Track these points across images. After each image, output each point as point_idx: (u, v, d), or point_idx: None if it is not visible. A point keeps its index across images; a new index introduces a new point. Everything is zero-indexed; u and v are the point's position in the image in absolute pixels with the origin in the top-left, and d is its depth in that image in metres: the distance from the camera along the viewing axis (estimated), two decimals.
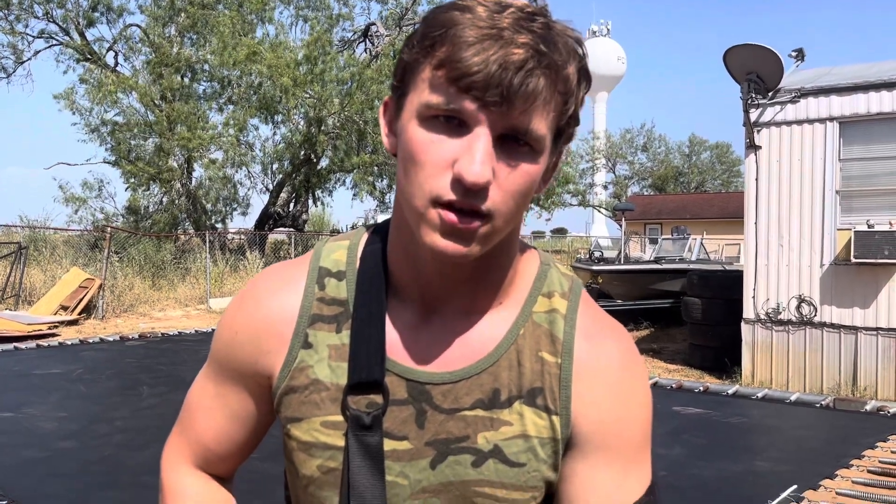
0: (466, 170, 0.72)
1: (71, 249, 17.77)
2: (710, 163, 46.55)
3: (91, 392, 4.03)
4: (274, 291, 0.92)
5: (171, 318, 13.47)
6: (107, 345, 5.66)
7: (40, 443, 2.97)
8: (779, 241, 8.65)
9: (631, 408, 0.87)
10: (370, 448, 0.84)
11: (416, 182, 0.76)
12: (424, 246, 0.78)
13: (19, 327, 10.40)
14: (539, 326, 0.88)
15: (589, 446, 0.86)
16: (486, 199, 0.74)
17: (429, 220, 0.76)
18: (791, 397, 3.70)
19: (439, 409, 0.85)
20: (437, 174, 0.74)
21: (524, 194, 0.78)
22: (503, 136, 0.74)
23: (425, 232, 0.77)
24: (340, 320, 0.88)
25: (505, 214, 0.77)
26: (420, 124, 0.76)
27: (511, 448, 0.85)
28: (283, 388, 0.89)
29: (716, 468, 2.69)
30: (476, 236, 0.76)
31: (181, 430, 1.04)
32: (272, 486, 1.96)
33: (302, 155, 21.26)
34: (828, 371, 8.34)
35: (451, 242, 0.76)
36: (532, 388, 0.86)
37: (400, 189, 0.81)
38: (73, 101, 19.59)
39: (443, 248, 0.76)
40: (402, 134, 0.79)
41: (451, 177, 0.74)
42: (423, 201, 0.76)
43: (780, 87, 8.61)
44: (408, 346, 0.87)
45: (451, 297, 0.87)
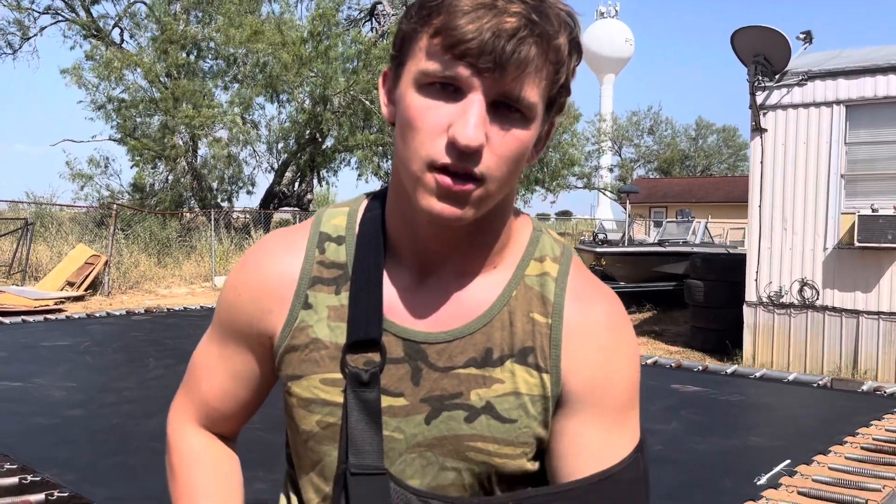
0: (460, 133, 0.75)
1: (77, 226, 17.83)
2: (717, 146, 46.29)
3: (98, 363, 4.08)
4: (276, 255, 0.95)
5: (176, 295, 13.54)
6: (113, 319, 5.71)
7: (49, 411, 3.02)
8: (782, 224, 8.65)
9: (619, 366, 0.90)
10: (368, 403, 0.87)
11: (413, 147, 0.79)
12: (421, 209, 0.80)
13: (26, 302, 10.48)
14: (531, 289, 0.90)
15: (578, 404, 0.88)
16: (480, 162, 0.77)
17: (425, 184, 0.79)
18: (789, 377, 3.73)
19: (434, 368, 0.88)
20: (433, 138, 0.77)
21: (516, 160, 0.81)
22: (496, 103, 0.77)
23: (421, 195, 0.79)
24: (340, 283, 0.91)
25: (498, 179, 0.80)
26: (417, 91, 0.79)
27: (503, 405, 0.88)
28: (285, 347, 0.92)
29: (711, 443, 2.74)
30: (470, 199, 0.79)
31: (186, 391, 1.07)
32: (276, 455, 2.01)
33: (307, 134, 21.22)
34: (829, 355, 8.37)
35: (446, 205, 0.79)
36: (523, 347, 0.89)
37: (397, 155, 0.84)
38: (80, 77, 19.54)
39: (438, 210, 0.79)
40: (400, 101, 0.82)
41: (446, 141, 0.77)
42: (420, 165, 0.79)
43: (788, 70, 8.57)
44: (404, 306, 0.90)
45: (447, 260, 0.90)
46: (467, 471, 0.89)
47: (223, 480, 1.06)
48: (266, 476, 2.04)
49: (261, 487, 1.73)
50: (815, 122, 8.44)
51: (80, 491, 2.09)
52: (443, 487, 0.90)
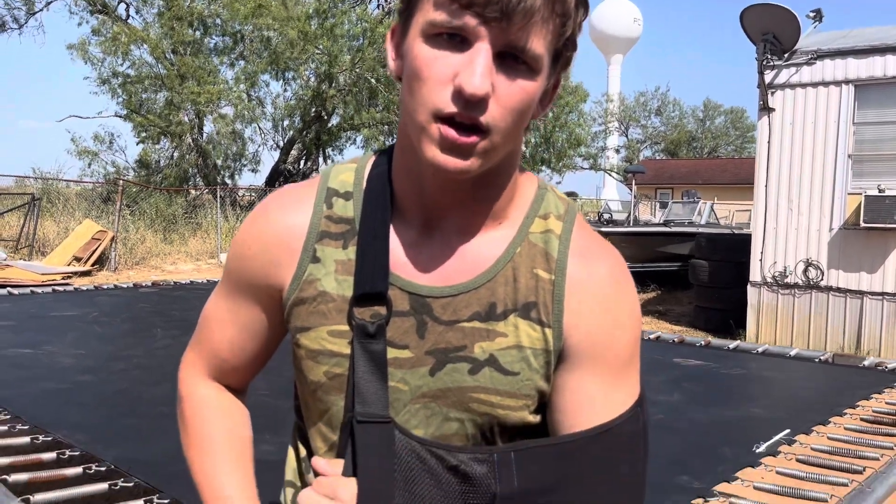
0: (467, 81, 0.76)
1: (83, 202, 17.87)
2: (724, 128, 45.98)
3: (106, 333, 4.13)
4: (284, 209, 0.96)
5: (182, 271, 13.60)
6: (120, 291, 5.76)
7: (60, 376, 3.06)
8: (788, 204, 8.62)
9: (620, 322, 0.91)
10: (374, 355, 0.89)
11: (419, 97, 0.80)
12: (426, 161, 0.81)
13: (33, 277, 10.54)
14: (535, 245, 0.92)
15: (579, 358, 0.90)
16: (486, 112, 0.78)
17: (430, 135, 0.80)
18: (791, 352, 3.75)
19: (439, 321, 0.90)
20: (440, 88, 0.78)
21: (522, 112, 0.81)
22: (502, 54, 0.78)
23: (426, 146, 0.80)
24: (347, 237, 0.93)
25: (503, 130, 0.80)
26: (424, 41, 0.79)
27: (505, 357, 0.89)
28: (293, 300, 0.93)
29: (712, 413, 2.77)
30: (475, 151, 0.80)
31: (197, 344, 1.09)
32: (283, 420, 2.04)
33: (313, 112, 21.16)
34: (832, 335, 8.39)
35: (450, 157, 0.80)
36: (527, 302, 0.90)
37: (404, 107, 0.84)
38: (86, 52, 19.47)
39: (443, 162, 0.80)
40: (407, 53, 0.83)
41: (452, 90, 0.78)
42: (426, 115, 0.79)
43: (797, 49, 8.50)
44: (410, 261, 0.92)
45: (452, 215, 0.91)
46: (470, 422, 0.91)
47: (234, 430, 1.08)
48: (273, 439, 2.07)
49: (268, 449, 1.76)
50: (824, 102, 8.39)
51: (90, 451, 2.14)
52: (446, 437, 0.91)
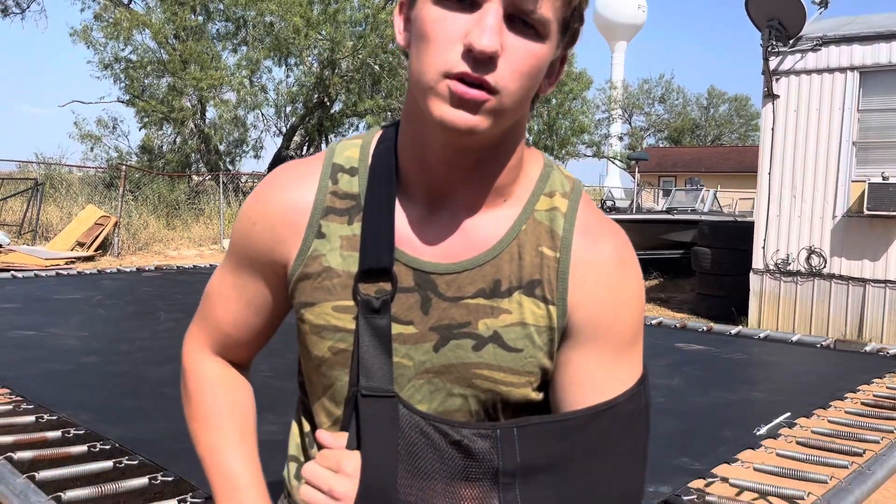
0: (476, 39, 0.76)
1: (86, 187, 17.89)
2: (728, 116, 45.79)
3: (110, 315, 4.14)
4: (289, 185, 0.96)
5: (185, 256, 13.63)
6: (124, 275, 5.77)
7: (64, 357, 3.07)
8: (792, 191, 8.61)
9: (624, 301, 0.92)
10: (379, 330, 0.89)
11: (428, 57, 0.80)
12: (433, 121, 0.81)
13: (37, 261, 10.58)
14: (540, 223, 0.92)
15: (583, 336, 0.91)
16: (494, 71, 0.78)
17: (438, 92, 0.79)
18: (793, 338, 3.76)
19: (443, 297, 0.90)
20: (448, 48, 0.79)
21: (531, 76, 0.81)
22: (512, 17, 0.78)
23: (434, 105, 0.80)
24: (352, 213, 0.93)
25: (512, 93, 0.80)
26: (434, 3, 0.80)
27: (509, 334, 0.90)
28: (298, 275, 0.94)
29: (713, 396, 2.77)
30: (483, 108, 0.79)
31: (201, 319, 1.10)
32: (286, 401, 2.05)
33: (315, 98, 21.11)
34: (834, 322, 8.39)
35: (458, 113, 0.79)
36: (531, 279, 0.90)
37: (411, 73, 0.84)
38: (89, 37, 19.42)
39: (451, 118, 0.79)
40: (415, 19, 0.83)
41: (461, 49, 0.78)
42: (434, 75, 0.79)
43: (802, 35, 8.45)
44: (415, 237, 0.92)
45: (458, 191, 0.91)
46: (473, 398, 0.92)
47: (237, 404, 1.09)
48: (275, 419, 2.08)
49: (271, 429, 1.78)
50: (829, 89, 8.36)
51: (95, 430, 2.15)
52: (449, 413, 0.92)
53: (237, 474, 1.03)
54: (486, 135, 0.83)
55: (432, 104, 0.80)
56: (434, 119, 0.81)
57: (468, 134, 0.81)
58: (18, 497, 1.66)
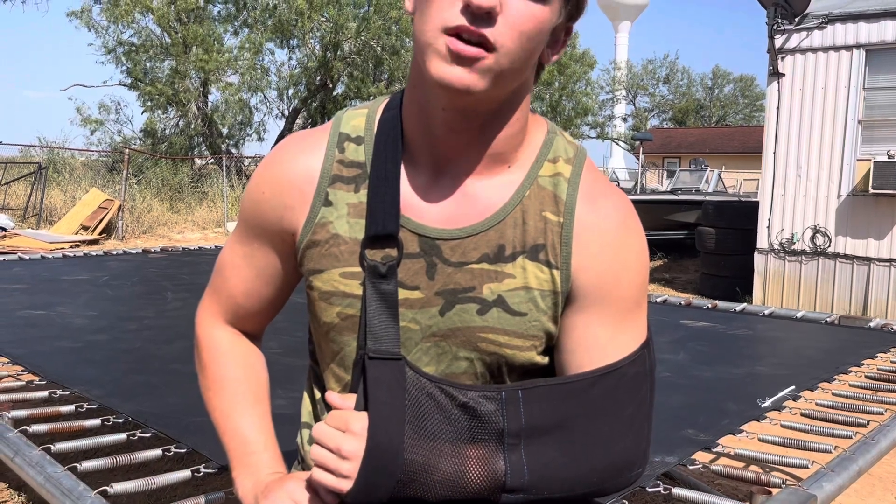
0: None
1: (90, 171, 17.89)
2: (733, 96, 45.48)
3: (118, 295, 4.17)
4: (297, 154, 0.98)
5: (189, 240, 13.64)
6: (130, 256, 5.80)
7: (73, 335, 3.10)
8: (797, 171, 8.58)
9: (627, 265, 0.93)
10: (386, 294, 0.91)
11: (428, 15, 0.81)
12: (432, 80, 0.82)
13: (42, 245, 10.61)
14: (544, 189, 0.93)
15: (587, 300, 0.92)
16: (493, 27, 0.79)
17: (437, 49, 0.80)
18: (797, 314, 3.77)
19: (448, 263, 0.92)
20: (448, 6, 0.79)
21: (530, 37, 0.82)
22: None
23: (432, 63, 0.81)
24: (358, 181, 0.94)
25: (510, 52, 0.81)
26: None
27: (513, 298, 0.91)
28: (306, 243, 0.95)
29: (717, 371, 2.79)
30: (480, 67, 0.80)
31: (213, 290, 1.11)
32: (294, 376, 2.07)
33: (318, 81, 21.03)
34: (838, 301, 8.39)
35: (455, 70, 0.80)
36: (535, 244, 0.91)
37: (414, 33, 0.85)
38: (89, 19, 19.33)
39: (448, 76, 0.80)
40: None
41: (460, 6, 0.79)
42: (434, 31, 0.80)
43: (808, 13, 8.39)
44: (420, 204, 0.93)
45: (461, 158, 0.92)
46: (479, 361, 0.93)
47: (250, 372, 1.11)
48: (284, 394, 2.11)
49: (280, 403, 1.80)
50: (834, 67, 8.30)
51: (108, 404, 2.18)
52: (455, 376, 0.94)
53: (252, 439, 1.04)
54: (484, 96, 0.83)
55: (431, 62, 0.81)
56: (432, 78, 0.82)
57: (465, 93, 0.82)
58: (35, 468, 1.69)
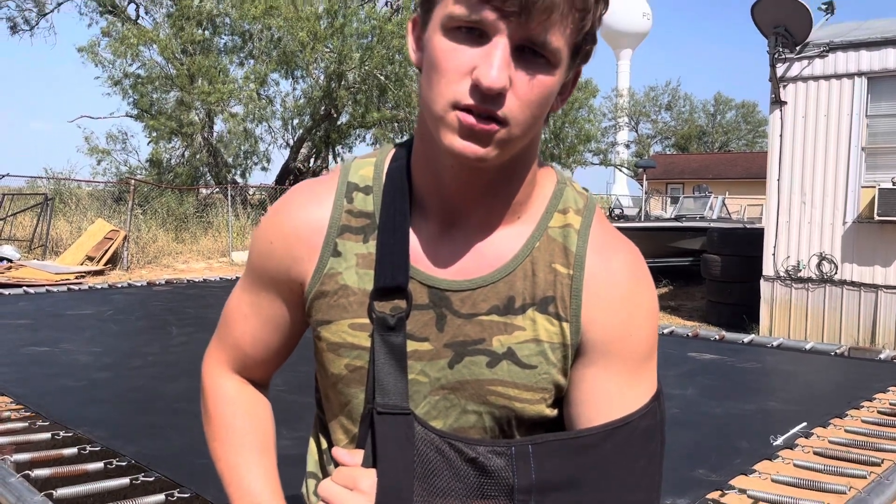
0: (484, 75, 0.76)
1: (96, 202, 17.98)
2: (736, 122, 45.70)
3: (122, 330, 4.15)
4: (305, 204, 0.97)
5: (194, 270, 13.67)
6: (135, 289, 5.80)
7: (77, 373, 3.09)
8: (801, 197, 8.57)
9: (638, 318, 0.92)
10: (394, 347, 0.89)
11: (437, 88, 0.80)
12: (444, 149, 0.82)
13: (47, 276, 10.63)
14: (554, 241, 0.92)
15: (597, 353, 0.90)
16: (503, 105, 0.78)
17: (448, 123, 0.80)
18: (806, 346, 3.74)
19: (458, 314, 0.91)
20: (457, 80, 0.79)
21: (540, 105, 0.82)
22: (521, 48, 0.78)
23: (444, 135, 0.81)
24: (367, 231, 0.93)
25: (522, 123, 0.80)
26: (443, 34, 0.80)
27: (523, 351, 0.90)
28: (314, 293, 0.94)
29: (727, 407, 2.76)
30: (493, 139, 0.80)
31: (220, 338, 1.10)
32: (299, 415, 2.05)
33: (322, 110, 21.20)
34: (846, 329, 8.33)
35: (468, 144, 0.80)
36: (545, 296, 0.90)
37: (422, 98, 0.85)
38: (96, 54, 19.59)
39: (460, 149, 0.80)
40: (426, 45, 0.83)
41: (469, 83, 0.78)
42: (444, 105, 0.80)
43: (809, 42, 8.44)
44: (429, 255, 0.92)
45: (471, 209, 0.91)
46: (488, 414, 0.92)
47: (257, 423, 1.09)
48: (289, 434, 2.08)
49: (285, 444, 1.77)
50: (836, 95, 8.33)
51: (111, 446, 2.16)
52: (464, 430, 0.92)
53: (257, 492, 1.03)
54: (497, 161, 0.83)
55: (442, 133, 0.81)
56: (444, 147, 0.82)
57: (478, 163, 0.82)
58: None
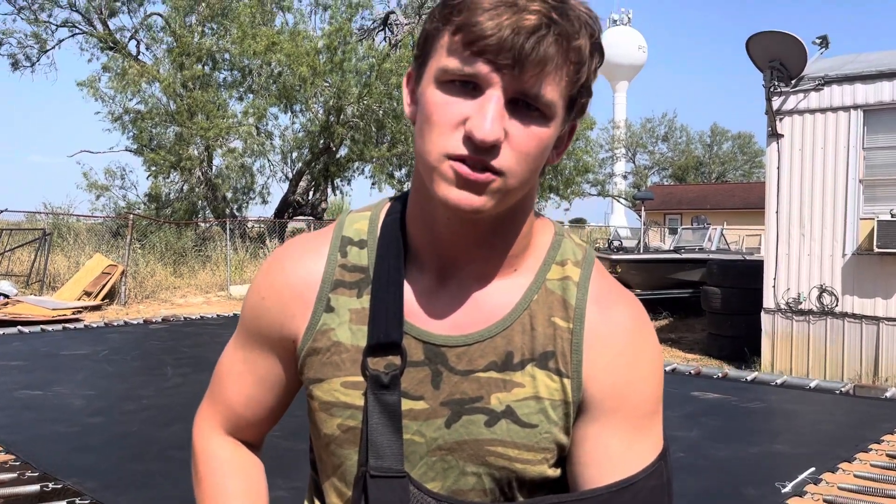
0: (477, 127, 0.75)
1: (94, 236, 18.00)
2: (732, 153, 46.04)
3: (117, 372, 4.10)
4: (298, 258, 0.95)
5: (192, 304, 13.61)
6: (131, 327, 5.75)
7: (69, 418, 3.04)
8: (800, 230, 8.57)
9: (641, 372, 0.89)
10: (388, 406, 0.86)
11: (431, 140, 0.79)
12: (439, 200, 0.80)
13: (44, 312, 10.57)
14: (552, 293, 0.90)
15: (600, 410, 0.87)
16: (498, 156, 0.77)
17: (442, 173, 0.78)
18: (810, 384, 3.69)
19: (454, 371, 0.88)
20: (450, 132, 0.78)
21: (535, 157, 0.80)
22: (515, 101, 0.77)
23: (439, 185, 0.79)
24: (361, 286, 0.91)
25: (517, 174, 0.79)
26: (437, 87, 0.79)
27: (523, 409, 0.87)
28: (307, 350, 0.92)
29: (733, 450, 2.70)
30: (488, 189, 0.78)
31: (212, 398, 1.07)
32: (295, 463, 2.00)
33: (321, 144, 21.34)
34: (849, 362, 8.27)
35: (463, 194, 0.78)
36: (544, 351, 0.88)
37: (417, 151, 0.84)
38: (96, 89, 19.77)
39: (455, 199, 0.78)
40: (420, 98, 0.82)
41: (463, 134, 0.77)
42: (437, 156, 0.78)
43: (804, 75, 8.52)
44: (425, 309, 0.90)
45: (467, 262, 0.89)
46: (487, 475, 0.89)
47: (249, 486, 1.06)
48: (285, 483, 2.03)
49: (280, 495, 1.72)
50: (833, 127, 8.38)
51: (101, 499, 2.10)
52: (463, 492, 0.89)
53: None
54: (493, 213, 0.82)
55: (437, 184, 0.80)
56: (439, 199, 0.80)
57: (473, 214, 0.80)
58: None
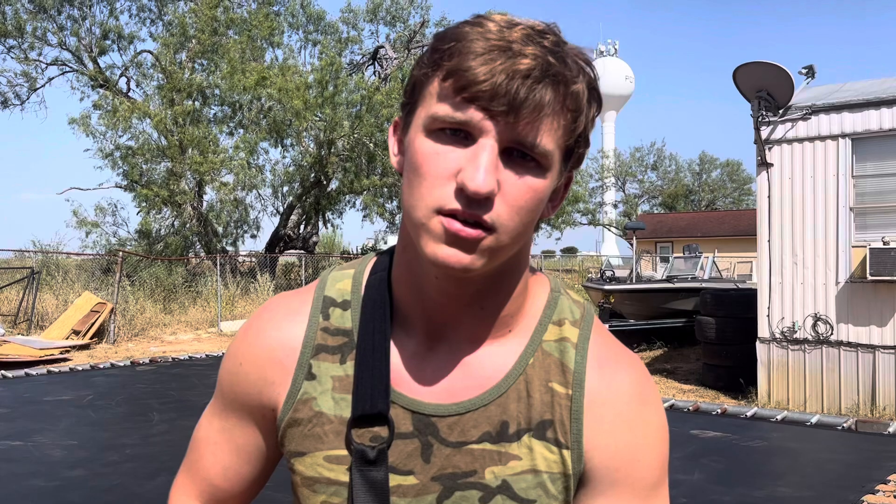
0: (470, 178, 0.70)
1: (83, 274, 17.88)
2: (721, 181, 46.44)
3: (101, 418, 4.00)
4: (278, 322, 0.90)
5: (182, 341, 13.47)
6: (117, 370, 5.65)
7: (48, 472, 2.93)
8: (793, 258, 8.57)
9: (646, 442, 0.84)
10: (375, 484, 0.81)
11: (419, 193, 0.74)
12: (427, 259, 0.74)
13: (31, 352, 10.42)
14: (549, 356, 0.85)
15: (603, 483, 0.83)
16: (491, 210, 0.72)
17: (431, 230, 0.73)
18: (812, 419, 3.62)
19: (445, 443, 0.82)
20: (441, 184, 0.72)
21: (530, 210, 0.75)
22: (510, 150, 0.72)
23: (426, 242, 0.74)
24: (345, 351, 0.86)
25: (510, 230, 0.74)
26: (426, 136, 0.74)
27: (520, 483, 0.82)
28: (287, 421, 0.86)
29: (737, 494, 2.63)
30: (479, 247, 0.73)
31: (188, 469, 1.01)
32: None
33: (312, 178, 21.39)
34: (846, 391, 8.21)
35: (453, 252, 0.73)
36: (542, 420, 0.83)
37: (404, 204, 0.78)
38: (88, 125, 19.81)
39: (444, 258, 0.73)
40: (408, 147, 0.77)
41: (454, 187, 0.71)
42: (426, 211, 0.73)
43: (791, 105, 8.58)
44: (413, 376, 0.84)
45: (457, 323, 0.84)
46: None
47: None
48: None
49: None
50: (822, 156, 8.43)
51: None
52: None
53: None
54: (483, 271, 0.76)
55: (425, 241, 0.74)
56: (427, 257, 0.74)
57: (462, 273, 0.74)
58: None
